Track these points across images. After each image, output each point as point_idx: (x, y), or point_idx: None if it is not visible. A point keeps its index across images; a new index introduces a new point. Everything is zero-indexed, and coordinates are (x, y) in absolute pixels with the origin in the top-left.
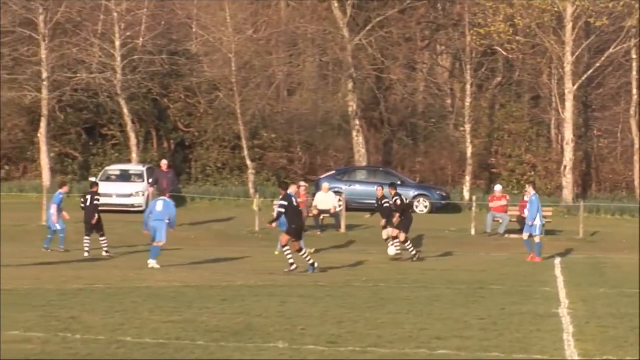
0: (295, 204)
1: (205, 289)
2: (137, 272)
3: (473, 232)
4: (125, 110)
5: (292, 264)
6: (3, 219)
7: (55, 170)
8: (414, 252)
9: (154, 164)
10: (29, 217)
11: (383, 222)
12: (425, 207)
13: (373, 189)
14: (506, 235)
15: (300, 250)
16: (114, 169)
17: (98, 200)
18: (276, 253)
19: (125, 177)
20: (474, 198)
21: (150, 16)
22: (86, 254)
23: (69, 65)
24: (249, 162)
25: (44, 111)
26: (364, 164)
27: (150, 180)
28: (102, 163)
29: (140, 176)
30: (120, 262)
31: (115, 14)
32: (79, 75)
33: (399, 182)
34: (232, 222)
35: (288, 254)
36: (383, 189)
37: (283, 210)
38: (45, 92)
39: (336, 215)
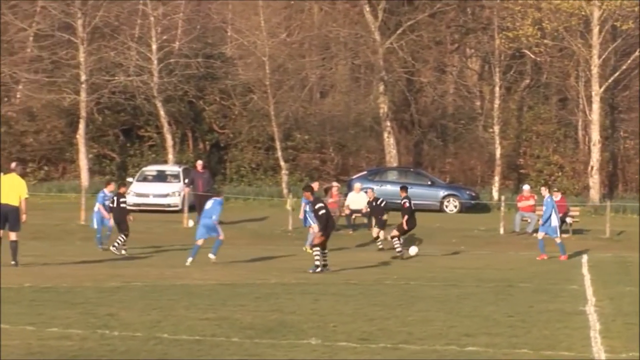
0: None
1: (239, 287)
2: (173, 270)
3: (502, 231)
4: (162, 112)
5: (317, 266)
6: (42, 218)
7: (93, 170)
8: (399, 250)
9: (189, 165)
10: (67, 217)
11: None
12: (455, 206)
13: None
14: (534, 234)
15: (324, 249)
16: (151, 169)
17: (125, 202)
18: (308, 250)
19: (161, 177)
20: (503, 198)
21: (186, 20)
22: (123, 252)
23: (106, 68)
24: (282, 163)
25: (83, 113)
26: (395, 164)
27: (186, 181)
28: (139, 164)
29: (176, 177)
30: (157, 261)
31: (152, 18)
32: (116, 78)
33: (429, 182)
34: (265, 222)
35: (317, 255)
36: (373, 191)
37: (324, 210)
38: (83, 95)
39: (367, 215)
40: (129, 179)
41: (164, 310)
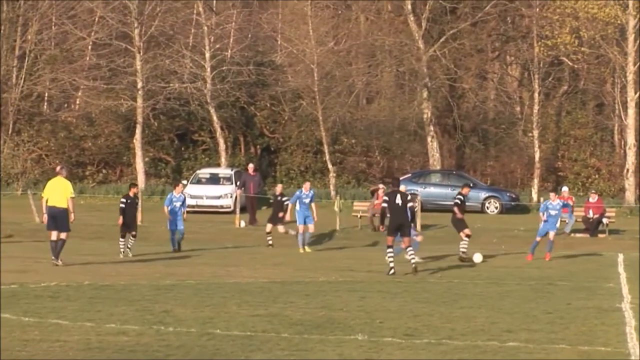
0: (397, 200)
1: (289, 285)
2: (225, 269)
3: None
4: (215, 118)
5: (391, 269)
6: (101, 219)
7: (149, 173)
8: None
9: (241, 168)
10: None
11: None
12: (496, 207)
13: (447, 190)
14: (572, 235)
15: (408, 247)
16: (204, 172)
17: (137, 203)
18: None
19: (214, 180)
20: (542, 199)
21: (238, 29)
22: (121, 255)
23: (162, 75)
24: (330, 166)
25: (139, 118)
26: (438, 167)
27: (238, 183)
28: (193, 167)
29: (228, 179)
30: (210, 260)
31: (205, 28)
32: (171, 84)
33: (471, 185)
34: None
35: (389, 256)
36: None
37: (385, 205)
38: (140, 101)
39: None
40: (184, 182)
41: (217, 307)
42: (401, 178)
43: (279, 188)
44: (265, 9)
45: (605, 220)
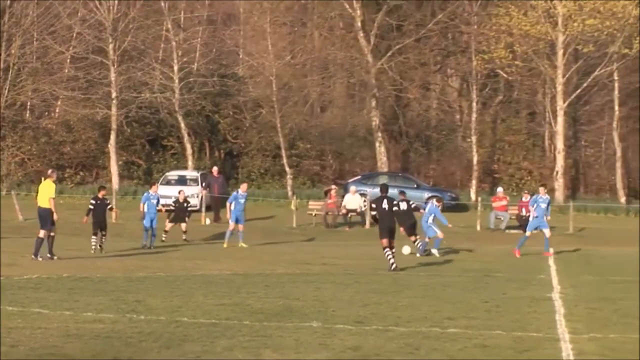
0: (386, 206)
1: (250, 277)
2: (193, 262)
3: (478, 228)
4: (182, 125)
5: (392, 264)
6: (79, 217)
7: (123, 175)
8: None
9: (206, 170)
10: None
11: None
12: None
13: (394, 191)
14: (507, 231)
15: (391, 247)
16: (173, 174)
17: (109, 203)
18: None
19: (182, 181)
20: (479, 199)
21: (204, 44)
22: (92, 251)
23: (134, 86)
24: (287, 169)
25: (113, 125)
26: (386, 169)
27: (204, 184)
28: (163, 169)
29: (195, 180)
30: (179, 254)
31: (174, 43)
32: (142, 94)
33: (415, 185)
34: (273, 220)
35: (388, 255)
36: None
37: (376, 211)
38: (114, 109)
39: (362, 214)
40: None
41: (185, 297)
42: (351, 180)
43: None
44: (229, 26)
45: None
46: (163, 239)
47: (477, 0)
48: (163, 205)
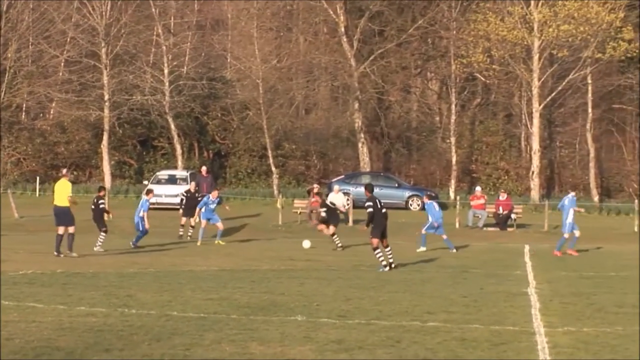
0: (379, 206)
1: (237, 272)
2: (182, 259)
3: (457, 225)
4: (172, 126)
5: (385, 265)
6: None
7: (115, 175)
8: (339, 244)
9: (195, 170)
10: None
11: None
12: (418, 205)
13: (376, 190)
14: (484, 228)
15: (387, 246)
16: (163, 173)
17: (103, 203)
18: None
19: (172, 180)
20: (458, 197)
21: (193, 49)
22: (100, 249)
23: (126, 89)
24: (273, 168)
25: (106, 126)
26: (368, 169)
27: (193, 183)
28: (154, 169)
29: (184, 180)
30: (169, 251)
31: (164, 47)
32: (134, 97)
33: (396, 185)
34: (259, 218)
35: (379, 256)
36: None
37: (372, 210)
38: (106, 111)
39: (345, 212)
40: (145, 182)
41: (174, 292)
42: (335, 179)
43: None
44: (217, 31)
45: (513, 216)
46: (181, 233)
47: (456, 7)
48: (152, 204)
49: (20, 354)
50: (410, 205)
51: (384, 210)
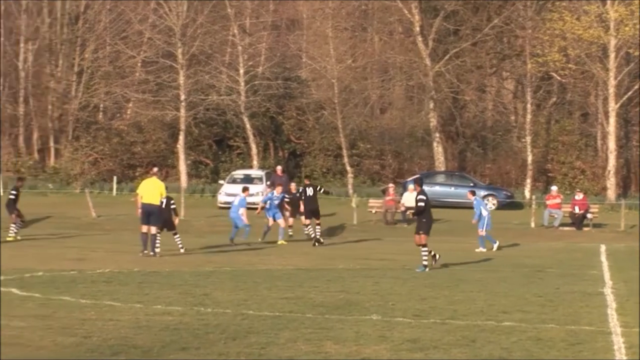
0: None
1: (313, 271)
2: (259, 257)
3: (532, 225)
4: (248, 126)
5: (426, 265)
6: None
7: (191, 174)
8: (314, 236)
9: (271, 169)
10: None
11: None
12: (493, 204)
13: (450, 189)
14: (560, 228)
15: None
16: (239, 173)
17: (174, 203)
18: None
19: (248, 180)
20: (534, 197)
21: (268, 49)
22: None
23: (201, 89)
24: (348, 168)
25: (182, 126)
26: (443, 169)
27: (268, 182)
28: (229, 168)
29: (260, 179)
30: (244, 249)
31: (240, 47)
32: (210, 97)
33: (471, 184)
34: (334, 217)
35: (424, 253)
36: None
37: (423, 204)
38: (183, 111)
39: None
40: (221, 182)
41: (250, 290)
42: (410, 178)
43: (293, 186)
44: (292, 31)
45: (589, 216)
46: (291, 233)
47: (532, 6)
48: (227, 203)
49: (97, 352)
50: (486, 204)
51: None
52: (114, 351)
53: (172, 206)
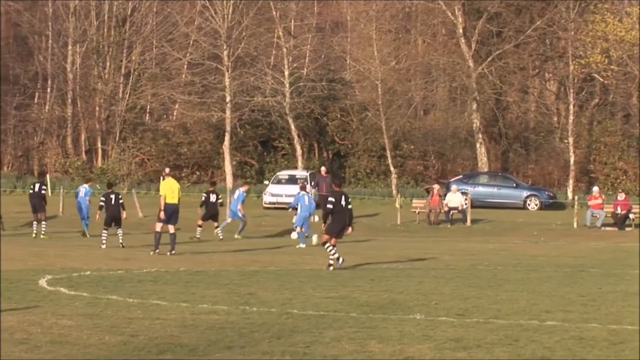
0: (343, 203)
1: (357, 271)
2: (302, 257)
3: (575, 225)
4: (293, 127)
5: (330, 265)
6: (195, 215)
7: (236, 175)
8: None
9: (315, 170)
10: None
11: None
12: (536, 204)
13: (494, 190)
14: (602, 228)
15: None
16: (284, 174)
17: (121, 198)
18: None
19: (292, 180)
20: (576, 197)
21: (313, 51)
22: (103, 246)
23: (247, 90)
24: (392, 168)
25: (228, 127)
26: (486, 169)
27: (312, 183)
28: (274, 169)
29: (305, 180)
30: (289, 249)
31: (285, 49)
32: (255, 98)
33: (514, 185)
34: (378, 217)
35: (331, 252)
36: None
37: (332, 206)
38: (228, 112)
39: (463, 211)
40: (266, 182)
41: (295, 290)
42: (453, 179)
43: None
44: (336, 33)
45: (631, 216)
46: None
47: (574, 8)
48: (272, 203)
49: (144, 351)
50: (528, 205)
51: (350, 207)
52: (160, 350)
53: (220, 200)
